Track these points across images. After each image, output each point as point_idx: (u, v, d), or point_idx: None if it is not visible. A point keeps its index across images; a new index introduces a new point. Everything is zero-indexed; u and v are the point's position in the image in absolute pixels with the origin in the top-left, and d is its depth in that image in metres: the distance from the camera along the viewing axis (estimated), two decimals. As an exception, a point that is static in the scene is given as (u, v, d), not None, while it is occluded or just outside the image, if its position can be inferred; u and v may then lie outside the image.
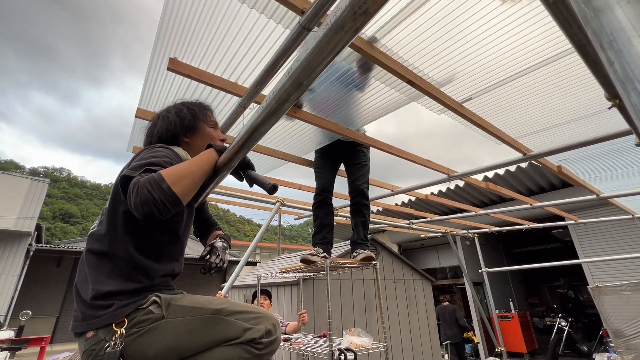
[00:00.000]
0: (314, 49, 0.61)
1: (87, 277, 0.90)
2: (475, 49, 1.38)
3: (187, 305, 0.93)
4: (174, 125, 1.14)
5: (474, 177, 2.62)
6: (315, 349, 2.33)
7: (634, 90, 0.24)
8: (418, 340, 5.55)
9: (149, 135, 1.17)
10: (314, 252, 2.24)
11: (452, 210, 7.39)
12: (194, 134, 1.18)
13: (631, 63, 0.24)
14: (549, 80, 1.57)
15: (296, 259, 3.78)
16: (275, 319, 0.99)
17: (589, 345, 7.13)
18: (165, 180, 0.83)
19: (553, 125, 1.97)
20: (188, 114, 1.17)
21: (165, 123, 1.14)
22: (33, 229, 10.95)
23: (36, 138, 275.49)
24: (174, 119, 1.15)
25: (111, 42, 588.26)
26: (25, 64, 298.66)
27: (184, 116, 1.16)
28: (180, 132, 1.15)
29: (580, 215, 4.43)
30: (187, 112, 1.17)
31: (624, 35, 0.25)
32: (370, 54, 1.29)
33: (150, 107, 1.78)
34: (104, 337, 0.84)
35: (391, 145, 2.19)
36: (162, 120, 1.15)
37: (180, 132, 1.15)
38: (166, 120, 1.15)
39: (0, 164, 52.25)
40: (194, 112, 1.19)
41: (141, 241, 0.95)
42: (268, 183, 1.01)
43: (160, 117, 1.17)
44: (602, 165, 2.60)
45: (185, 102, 1.23)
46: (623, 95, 0.25)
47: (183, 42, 1.37)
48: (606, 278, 5.84)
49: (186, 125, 1.15)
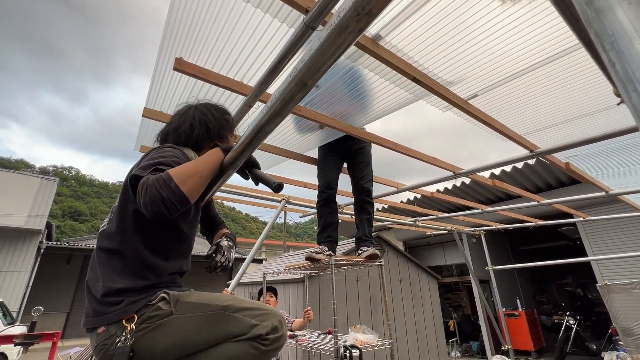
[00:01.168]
0: (317, 50, 0.61)
1: (98, 274, 0.93)
2: (481, 45, 1.37)
3: (195, 301, 0.95)
4: (213, 132, 1.16)
5: (480, 174, 2.60)
6: (321, 345, 2.34)
7: (634, 91, 0.24)
8: (424, 337, 5.54)
9: (177, 132, 1.15)
10: (319, 250, 2.26)
11: (458, 208, 7.33)
12: (222, 140, 1.20)
13: (632, 64, 0.24)
14: (557, 76, 1.55)
15: (301, 256, 3.80)
16: (281, 315, 1.00)
17: (597, 343, 7.05)
18: (173, 179, 0.84)
19: (561, 122, 1.94)
20: (224, 123, 1.21)
21: (205, 129, 1.15)
22: (43, 227, 11.16)
23: (45, 137, 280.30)
24: (213, 126, 1.17)
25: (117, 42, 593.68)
26: (34, 64, 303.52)
27: (222, 126, 1.19)
28: (215, 138, 1.17)
29: (588, 213, 4.38)
30: (224, 122, 1.21)
31: (625, 37, 0.25)
32: (374, 51, 1.29)
33: (157, 107, 1.80)
34: (114, 332, 0.87)
35: (396, 142, 2.19)
36: (200, 124, 1.15)
37: (214, 138, 1.17)
38: (205, 126, 1.15)
39: (11, 163, 53.21)
40: (229, 122, 1.24)
41: (150, 240, 0.97)
42: (274, 182, 1.02)
43: (198, 121, 1.15)
44: (611, 162, 2.56)
45: (217, 107, 1.25)
46: (624, 96, 0.25)
47: (189, 41, 1.38)
48: (616, 276, 5.76)
49: (222, 135, 1.19)
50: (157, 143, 1.19)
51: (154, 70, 1.53)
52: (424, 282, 6.05)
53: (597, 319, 7.85)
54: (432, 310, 5.96)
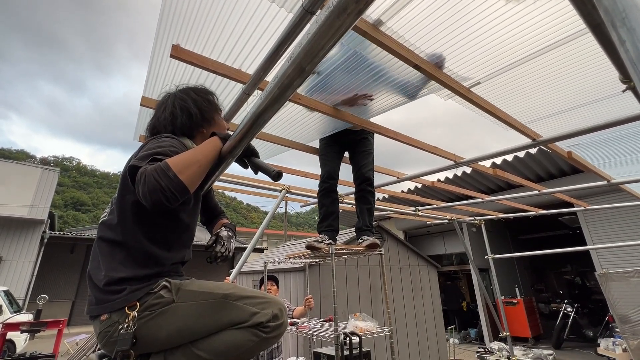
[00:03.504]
0: (315, 33, 0.59)
1: (99, 264, 0.93)
2: (484, 31, 1.33)
3: (197, 290, 0.96)
4: (196, 117, 1.13)
5: (481, 163, 2.58)
6: (322, 332, 2.38)
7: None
8: (423, 325, 5.63)
9: (162, 124, 1.12)
10: (320, 239, 2.27)
11: (459, 197, 7.34)
12: (211, 125, 1.18)
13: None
14: (560, 63, 1.52)
15: (302, 245, 3.82)
16: (281, 303, 1.01)
17: (594, 330, 7.16)
18: (171, 169, 0.84)
19: (563, 110, 1.91)
20: (207, 105, 1.16)
21: (186, 115, 1.12)
22: (46, 217, 11.25)
23: (45, 128, 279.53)
24: (195, 111, 1.13)
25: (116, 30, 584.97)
26: (33, 54, 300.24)
27: (204, 108, 1.15)
28: (202, 124, 1.15)
29: (589, 202, 4.37)
30: (206, 104, 1.16)
31: (638, 13, 0.23)
32: (375, 37, 1.26)
33: (154, 95, 1.78)
34: (117, 319, 0.88)
35: (397, 132, 2.17)
36: (181, 111, 1.12)
37: (201, 124, 1.15)
38: (186, 112, 1.12)
39: (12, 154, 53.21)
40: (212, 103, 1.18)
41: (151, 230, 0.97)
42: (272, 170, 1.02)
43: (178, 108, 1.13)
44: (614, 151, 2.54)
45: (196, 89, 1.21)
46: (634, 76, 0.24)
47: (185, 28, 1.35)
48: (614, 265, 5.80)
49: (207, 117, 1.16)
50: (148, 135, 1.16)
51: (150, 58, 1.51)
52: (424, 271, 6.10)
53: (594, 307, 7.96)
54: (432, 298, 6.03)
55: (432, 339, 5.68)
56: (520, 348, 5.70)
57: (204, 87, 1.26)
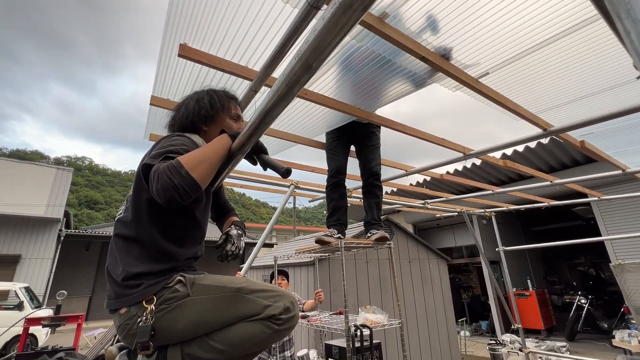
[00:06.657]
0: (322, 30, 0.60)
1: (117, 259, 0.97)
2: (492, 20, 1.31)
3: (211, 284, 0.98)
4: (192, 113, 1.16)
5: (491, 155, 2.55)
6: (332, 325, 2.41)
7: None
8: (433, 317, 5.63)
9: (172, 122, 1.22)
10: (329, 233, 2.28)
11: (469, 189, 7.26)
12: (213, 124, 1.20)
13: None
14: (572, 51, 1.48)
15: (311, 240, 3.85)
16: (293, 296, 1.03)
17: (609, 322, 7.05)
18: (183, 166, 0.86)
19: (575, 99, 1.87)
20: (207, 103, 1.18)
21: (186, 110, 1.18)
22: (62, 216, 11.56)
23: (58, 129, 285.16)
24: (194, 107, 1.17)
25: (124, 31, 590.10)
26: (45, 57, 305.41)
27: (203, 105, 1.18)
28: (199, 121, 1.17)
29: (604, 192, 4.27)
30: (207, 102, 1.19)
31: (642, 4, 0.23)
32: (381, 30, 1.25)
33: (163, 95, 1.80)
34: (135, 312, 0.91)
35: (405, 124, 2.16)
36: (185, 107, 1.19)
37: (198, 121, 1.17)
38: (187, 108, 1.18)
39: (27, 155, 54.59)
40: (214, 102, 1.20)
41: (165, 227, 1.00)
42: (281, 167, 1.03)
43: (184, 105, 1.20)
44: (629, 139, 2.47)
45: (210, 90, 1.25)
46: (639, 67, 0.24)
47: (192, 26, 1.36)
48: (630, 255, 5.68)
49: (203, 114, 1.17)
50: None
51: (159, 58, 1.53)
52: (434, 264, 6.08)
53: (609, 299, 7.83)
54: (442, 290, 6.01)
55: (442, 331, 5.69)
56: (532, 340, 5.66)
57: (225, 90, 1.30)
